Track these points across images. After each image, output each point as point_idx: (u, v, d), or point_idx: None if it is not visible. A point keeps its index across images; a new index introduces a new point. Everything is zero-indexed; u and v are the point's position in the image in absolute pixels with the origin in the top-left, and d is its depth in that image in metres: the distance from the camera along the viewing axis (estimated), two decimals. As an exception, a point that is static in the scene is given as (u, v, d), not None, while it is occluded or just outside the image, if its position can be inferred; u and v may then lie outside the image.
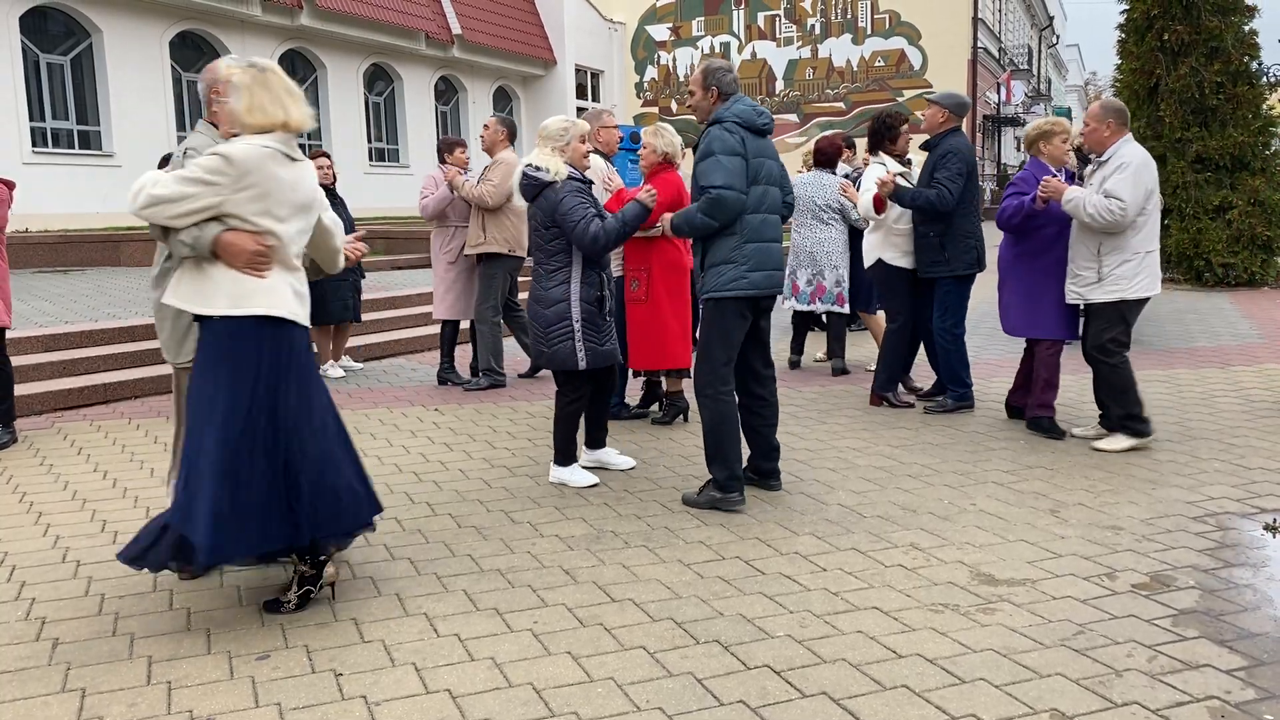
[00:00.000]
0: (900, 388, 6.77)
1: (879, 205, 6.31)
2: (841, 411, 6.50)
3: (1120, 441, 5.44)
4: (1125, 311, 5.40)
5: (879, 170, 6.39)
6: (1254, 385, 7.08)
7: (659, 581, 3.70)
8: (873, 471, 5.12)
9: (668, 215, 5.02)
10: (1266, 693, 2.82)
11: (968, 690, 2.86)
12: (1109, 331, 5.40)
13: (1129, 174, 5.20)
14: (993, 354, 8.56)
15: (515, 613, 3.44)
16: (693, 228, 4.54)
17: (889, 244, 6.46)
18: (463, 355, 8.45)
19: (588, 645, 3.18)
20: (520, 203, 4.94)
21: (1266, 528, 4.20)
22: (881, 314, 7.46)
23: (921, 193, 6.03)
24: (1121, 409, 5.43)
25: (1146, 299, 5.40)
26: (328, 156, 7.90)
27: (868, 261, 6.64)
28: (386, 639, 3.24)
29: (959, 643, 3.16)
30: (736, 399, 4.68)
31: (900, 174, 6.41)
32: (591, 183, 4.91)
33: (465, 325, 8.29)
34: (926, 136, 6.30)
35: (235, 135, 3.34)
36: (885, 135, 6.63)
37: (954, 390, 6.40)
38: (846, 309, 7.75)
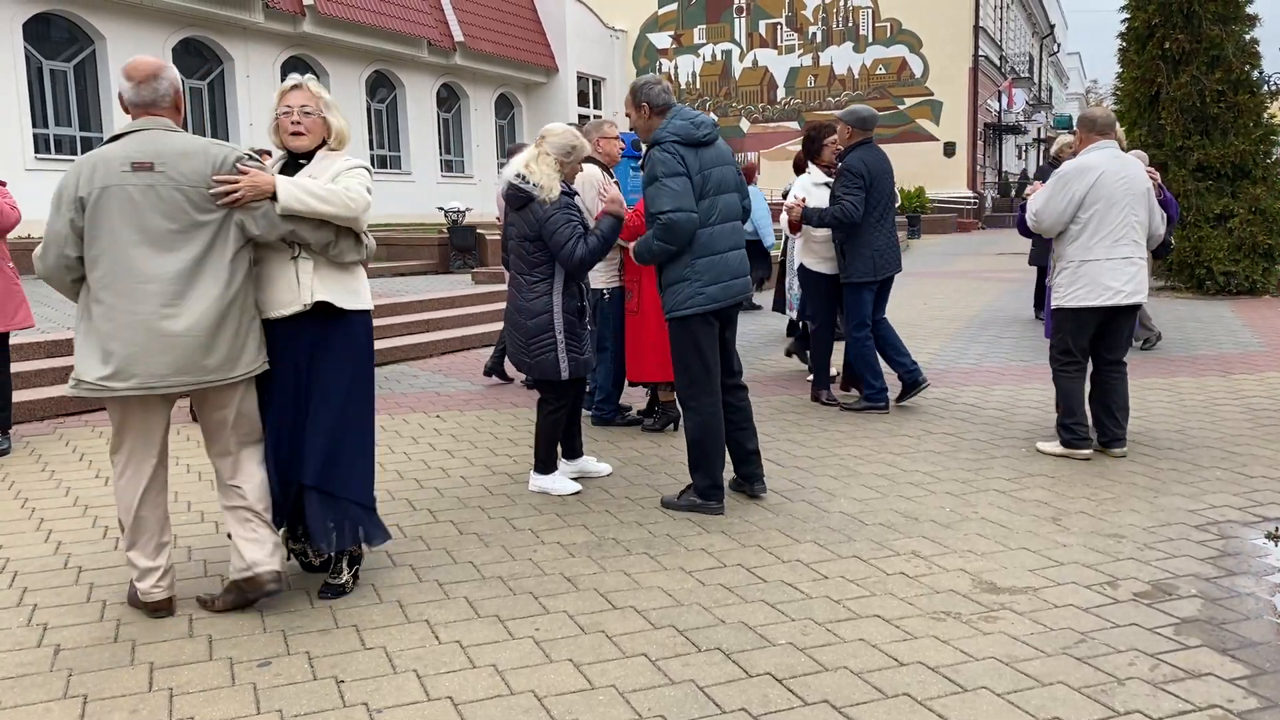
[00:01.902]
0: (830, 390, 7.00)
1: (793, 227, 6.76)
2: (843, 419, 6.50)
3: (1054, 446, 5.51)
4: (1064, 321, 5.39)
5: (802, 185, 6.90)
6: (1256, 393, 7.08)
7: (661, 589, 3.70)
8: (874, 479, 5.12)
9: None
10: (1269, 701, 2.81)
11: (970, 698, 2.86)
12: (1054, 338, 5.48)
13: (1050, 182, 5.34)
14: (994, 362, 8.56)
15: (517, 620, 3.44)
16: (653, 255, 4.51)
17: (809, 250, 6.90)
18: (469, 360, 8.45)
19: (589, 653, 3.18)
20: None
21: (1269, 536, 4.20)
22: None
23: (827, 211, 6.39)
24: (1059, 415, 5.48)
25: (1091, 309, 5.27)
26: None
27: (796, 267, 7.17)
28: (388, 646, 3.24)
29: (961, 651, 3.16)
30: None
31: (823, 183, 6.75)
32: (575, 193, 4.86)
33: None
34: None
35: (331, 149, 3.62)
36: (810, 149, 7.02)
37: (867, 390, 6.67)
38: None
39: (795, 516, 4.53)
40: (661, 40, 33.99)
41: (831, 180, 6.63)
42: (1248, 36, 13.37)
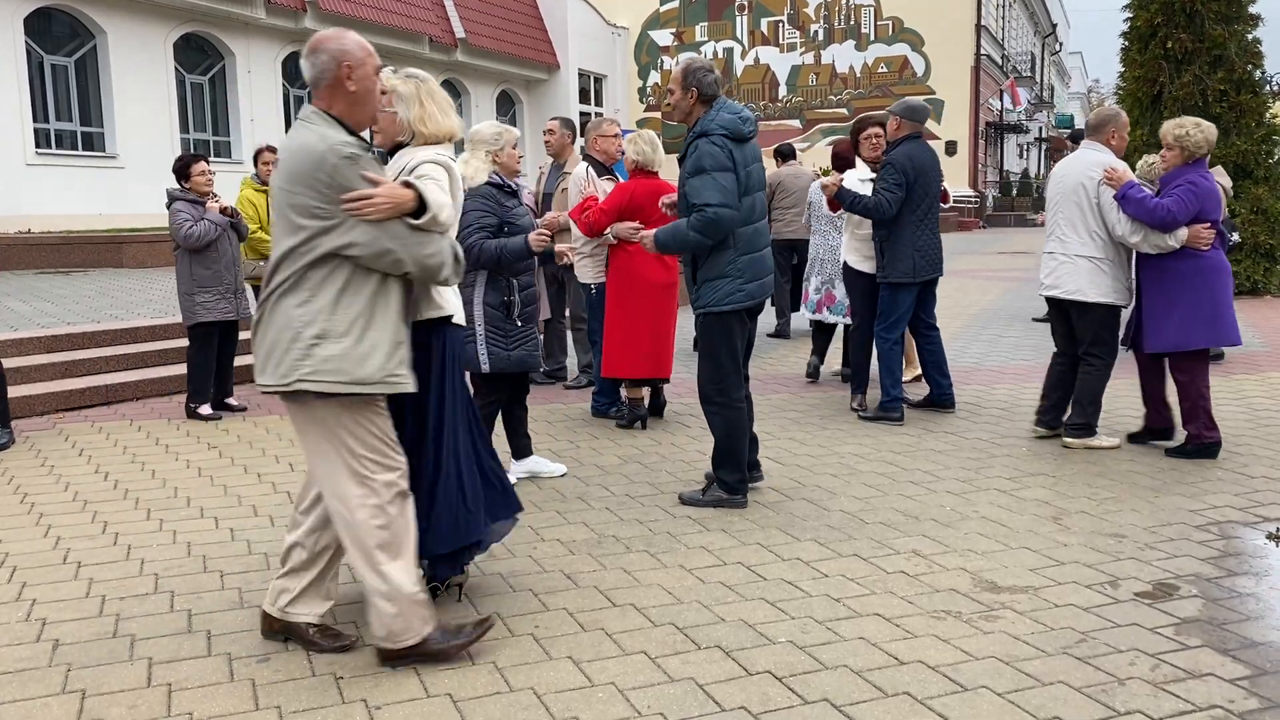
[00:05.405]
0: (864, 398, 6.64)
1: (831, 205, 6.64)
2: (843, 418, 6.49)
3: None
4: None
5: (849, 181, 6.65)
6: (1257, 394, 7.07)
7: (660, 586, 3.69)
8: (875, 478, 5.11)
9: (621, 225, 4.92)
10: (1270, 702, 2.81)
11: (970, 698, 2.85)
12: None
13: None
14: (994, 361, 8.56)
15: (516, 617, 3.43)
16: (683, 245, 4.45)
17: (852, 248, 6.72)
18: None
19: (589, 650, 3.17)
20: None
21: (1269, 536, 4.19)
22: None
23: (861, 198, 6.17)
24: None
25: (1046, 300, 5.75)
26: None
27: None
28: (387, 642, 3.23)
29: (961, 650, 3.15)
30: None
31: (868, 179, 6.50)
32: (514, 190, 4.83)
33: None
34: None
35: (400, 143, 3.42)
36: (854, 145, 6.89)
37: (884, 398, 6.34)
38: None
39: (795, 515, 4.53)
40: (663, 37, 33.95)
41: (875, 176, 6.39)
42: (1250, 36, 13.34)
